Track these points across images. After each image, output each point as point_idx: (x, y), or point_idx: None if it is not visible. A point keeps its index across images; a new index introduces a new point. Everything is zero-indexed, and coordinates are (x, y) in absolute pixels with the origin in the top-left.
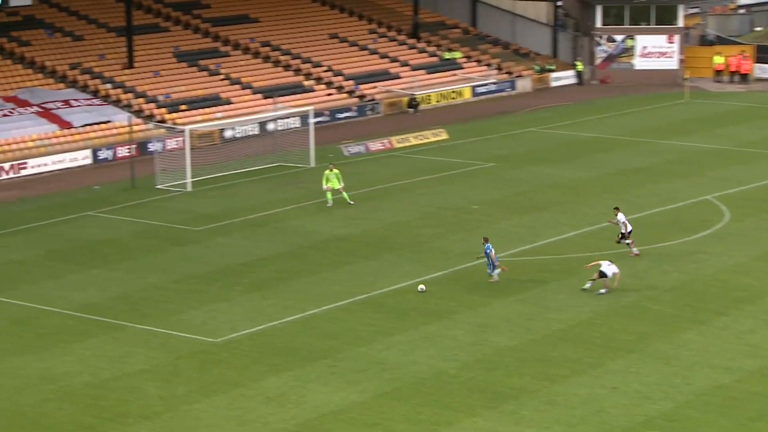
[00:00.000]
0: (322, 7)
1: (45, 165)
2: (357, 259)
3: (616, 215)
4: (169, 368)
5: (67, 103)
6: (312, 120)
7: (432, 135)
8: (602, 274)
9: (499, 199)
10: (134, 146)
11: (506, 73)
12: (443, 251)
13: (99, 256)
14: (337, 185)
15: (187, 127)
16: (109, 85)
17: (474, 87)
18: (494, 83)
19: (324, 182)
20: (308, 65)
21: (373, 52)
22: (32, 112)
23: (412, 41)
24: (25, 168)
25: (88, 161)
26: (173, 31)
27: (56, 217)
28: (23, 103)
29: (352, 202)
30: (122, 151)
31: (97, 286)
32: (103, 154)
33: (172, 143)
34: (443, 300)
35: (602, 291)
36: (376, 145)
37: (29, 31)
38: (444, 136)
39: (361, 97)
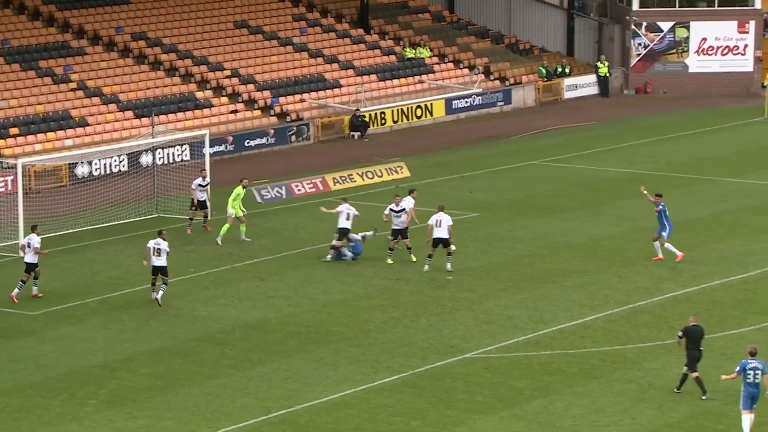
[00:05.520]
0: None
1: None
2: (274, 356)
3: None
4: None
5: None
6: (208, 150)
7: (386, 171)
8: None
9: (485, 267)
10: None
11: (498, 79)
12: (401, 344)
13: None
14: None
15: (20, 161)
16: None
17: (450, 100)
18: (480, 94)
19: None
20: (203, 68)
21: (300, 49)
22: None
23: (358, 32)
24: None
25: None
26: (0, 20)
27: None
28: None
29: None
30: None
31: None
32: None
33: None
34: (404, 417)
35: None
36: (303, 187)
37: None
38: (404, 173)
39: (282, 115)
